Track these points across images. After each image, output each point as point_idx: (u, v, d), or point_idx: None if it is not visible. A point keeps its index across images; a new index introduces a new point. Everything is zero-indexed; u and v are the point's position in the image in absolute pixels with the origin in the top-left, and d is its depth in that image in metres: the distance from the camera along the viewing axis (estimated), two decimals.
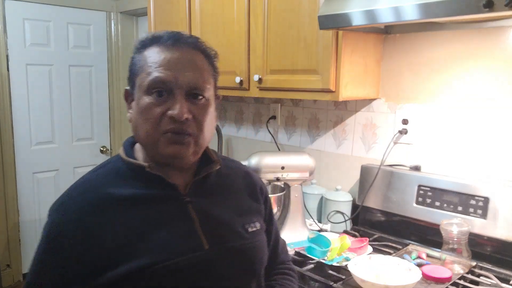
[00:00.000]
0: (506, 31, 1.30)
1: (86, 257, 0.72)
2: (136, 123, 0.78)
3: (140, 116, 0.77)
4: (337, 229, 1.62)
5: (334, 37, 1.39)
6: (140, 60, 0.79)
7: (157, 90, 0.75)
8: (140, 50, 0.80)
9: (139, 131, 0.78)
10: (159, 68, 0.75)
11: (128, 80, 0.82)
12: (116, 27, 3.21)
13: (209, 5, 1.85)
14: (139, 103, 0.77)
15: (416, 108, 1.53)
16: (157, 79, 0.75)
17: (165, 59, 0.76)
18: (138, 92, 0.77)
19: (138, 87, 0.77)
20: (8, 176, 2.84)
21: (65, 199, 0.78)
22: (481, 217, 1.30)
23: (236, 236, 0.83)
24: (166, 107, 0.75)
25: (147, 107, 0.75)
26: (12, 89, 2.80)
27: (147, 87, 0.75)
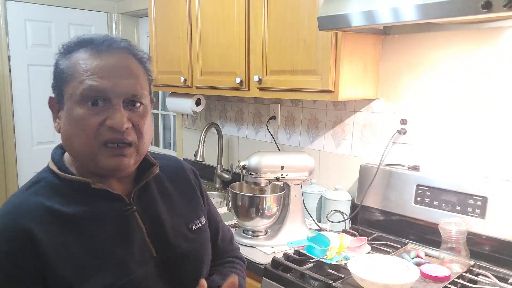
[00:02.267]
0: (505, 31, 1.31)
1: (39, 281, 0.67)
2: (68, 134, 0.72)
3: (73, 128, 0.71)
4: (336, 228, 1.63)
5: (334, 38, 1.40)
6: (67, 66, 0.72)
7: (92, 100, 0.70)
8: (65, 55, 0.73)
9: (72, 143, 0.72)
10: (93, 76, 0.69)
11: (53, 88, 0.75)
12: (117, 28, 3.22)
13: (209, 6, 1.86)
14: (71, 113, 0.71)
15: (414, 108, 1.54)
16: (93, 88, 0.69)
17: (99, 65, 0.70)
18: (69, 102, 0.71)
19: (68, 96, 0.71)
20: (10, 176, 2.85)
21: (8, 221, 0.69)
22: (480, 217, 1.31)
23: (181, 239, 0.82)
24: (103, 117, 0.70)
25: (81, 118, 0.70)
26: (13, 90, 2.82)
27: (80, 97, 0.70)
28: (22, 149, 2.90)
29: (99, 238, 0.72)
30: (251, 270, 1.39)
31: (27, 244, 0.67)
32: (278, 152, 1.89)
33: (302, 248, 1.39)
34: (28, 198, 0.72)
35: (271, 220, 1.55)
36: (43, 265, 0.67)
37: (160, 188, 0.85)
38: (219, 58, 1.84)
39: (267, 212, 1.52)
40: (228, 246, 1.02)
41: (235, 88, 1.78)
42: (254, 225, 1.53)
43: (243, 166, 1.50)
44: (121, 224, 0.75)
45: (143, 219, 0.78)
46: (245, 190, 1.63)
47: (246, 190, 1.63)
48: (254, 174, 1.49)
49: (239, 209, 1.54)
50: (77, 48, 0.73)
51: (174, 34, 2.08)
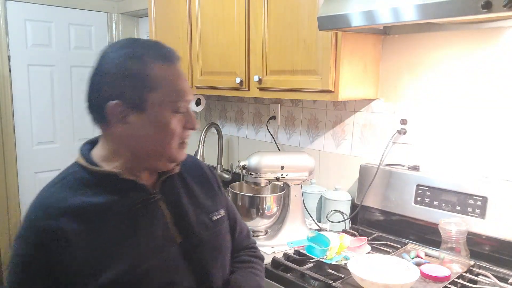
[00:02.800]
0: (504, 31, 1.31)
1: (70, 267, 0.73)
2: (146, 136, 0.78)
3: (160, 129, 0.78)
4: (336, 228, 1.63)
5: (334, 38, 1.40)
6: (160, 77, 0.77)
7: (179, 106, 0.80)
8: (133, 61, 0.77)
9: (147, 144, 0.79)
10: (178, 85, 0.79)
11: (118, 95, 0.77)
12: (117, 28, 3.22)
13: (209, 6, 1.86)
14: (159, 117, 0.78)
15: (414, 108, 1.54)
16: (182, 97, 0.80)
17: (176, 75, 0.80)
18: (154, 107, 0.77)
19: (155, 103, 0.77)
20: (10, 176, 2.86)
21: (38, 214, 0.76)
22: (480, 217, 1.31)
23: (203, 228, 0.88)
24: (184, 121, 0.82)
25: (170, 123, 0.79)
26: (14, 90, 2.82)
27: (172, 104, 0.78)
28: (22, 149, 2.90)
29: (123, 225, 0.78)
30: None
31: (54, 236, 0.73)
32: (278, 152, 1.89)
33: (302, 248, 1.39)
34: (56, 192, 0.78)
35: (271, 220, 1.55)
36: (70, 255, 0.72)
37: (182, 181, 0.91)
38: (219, 58, 1.84)
39: (267, 212, 1.52)
40: (245, 239, 1.07)
41: (235, 88, 1.78)
42: (254, 225, 1.53)
43: (243, 166, 1.51)
44: (145, 212, 0.81)
45: (168, 207, 0.84)
46: (245, 190, 1.63)
47: (246, 190, 1.63)
48: (254, 174, 1.49)
49: (239, 209, 1.54)
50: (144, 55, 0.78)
51: (174, 34, 2.08)
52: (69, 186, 0.79)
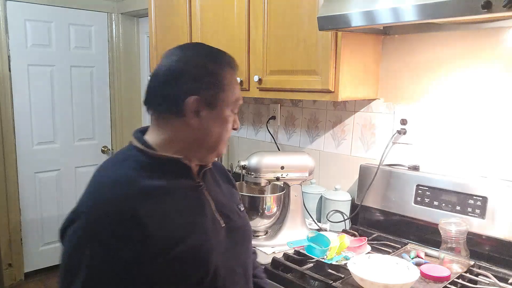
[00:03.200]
0: (504, 31, 1.31)
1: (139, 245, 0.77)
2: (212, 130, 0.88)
3: (221, 126, 0.89)
4: (336, 228, 1.63)
5: (333, 38, 1.40)
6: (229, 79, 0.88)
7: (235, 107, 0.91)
8: (227, 69, 0.89)
9: (211, 137, 0.88)
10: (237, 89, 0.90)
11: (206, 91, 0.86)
12: (117, 28, 3.22)
13: (210, 6, 1.86)
14: (222, 115, 0.88)
15: (414, 108, 1.54)
16: (239, 99, 0.91)
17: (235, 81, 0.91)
18: (221, 105, 0.87)
19: (222, 100, 0.87)
20: (10, 176, 2.86)
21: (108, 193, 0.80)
22: (479, 217, 1.31)
23: (236, 214, 0.97)
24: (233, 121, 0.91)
25: (229, 120, 0.89)
26: (14, 90, 2.82)
27: (234, 105, 0.89)
28: (22, 149, 2.90)
29: (184, 207, 0.85)
30: None
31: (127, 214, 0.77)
32: (278, 152, 1.89)
33: (302, 248, 1.39)
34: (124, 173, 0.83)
35: (271, 220, 1.55)
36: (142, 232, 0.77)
37: (212, 173, 0.99)
38: None
39: (267, 212, 1.52)
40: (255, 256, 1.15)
41: None
42: (254, 225, 1.53)
43: (243, 166, 1.51)
44: (196, 197, 0.89)
45: (209, 194, 0.92)
46: (245, 190, 1.63)
47: (246, 190, 1.63)
48: (254, 174, 1.49)
49: None
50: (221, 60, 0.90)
51: (174, 34, 2.08)
52: (132, 167, 0.84)
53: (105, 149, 3.28)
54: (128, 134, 3.48)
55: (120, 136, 3.34)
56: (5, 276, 2.92)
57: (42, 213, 3.03)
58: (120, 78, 3.27)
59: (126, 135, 3.37)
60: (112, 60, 3.23)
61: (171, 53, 0.89)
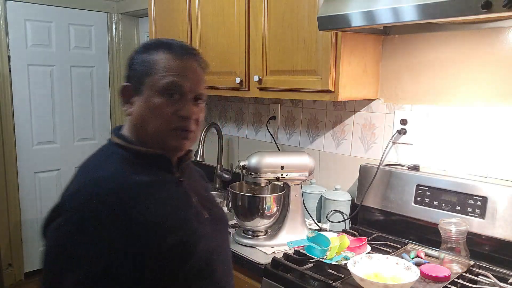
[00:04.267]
0: (504, 31, 1.31)
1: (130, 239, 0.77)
2: (143, 118, 0.86)
3: (150, 113, 0.85)
4: (336, 228, 1.63)
5: (333, 38, 1.40)
6: (150, 61, 0.86)
7: (171, 92, 0.85)
8: (147, 51, 0.88)
9: (146, 126, 0.86)
10: (174, 74, 0.85)
11: (130, 78, 0.89)
12: (117, 28, 3.22)
13: (210, 6, 1.86)
14: (151, 101, 0.85)
15: (414, 108, 1.54)
16: (174, 83, 0.85)
17: (178, 66, 0.86)
18: (149, 91, 0.85)
19: (149, 86, 0.85)
20: (10, 176, 2.86)
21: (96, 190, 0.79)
22: (479, 217, 1.31)
23: (215, 207, 0.99)
24: (177, 107, 0.86)
25: (160, 106, 0.85)
26: (13, 90, 2.82)
27: (162, 89, 0.85)
28: (22, 149, 2.90)
29: (169, 201, 0.86)
30: (251, 270, 1.39)
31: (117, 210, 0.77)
32: (278, 152, 1.89)
33: (302, 248, 1.39)
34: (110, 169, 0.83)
35: (271, 220, 1.55)
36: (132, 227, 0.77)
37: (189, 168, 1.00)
38: (219, 58, 1.84)
39: (267, 212, 1.52)
40: None
41: (235, 88, 1.78)
42: (254, 225, 1.53)
43: (243, 166, 1.51)
44: (179, 191, 0.90)
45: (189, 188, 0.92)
46: (245, 190, 1.63)
47: (246, 190, 1.63)
48: (254, 174, 1.49)
49: (239, 209, 1.54)
50: (157, 48, 0.87)
51: (174, 34, 2.08)
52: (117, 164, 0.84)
53: None
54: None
55: None
56: (5, 276, 2.92)
57: (42, 213, 3.03)
58: (120, 78, 3.27)
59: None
60: (112, 60, 3.23)
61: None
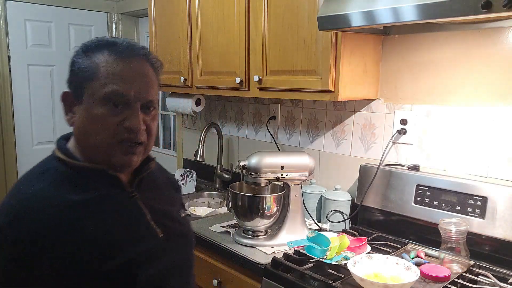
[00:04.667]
0: (504, 31, 1.31)
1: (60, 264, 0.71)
2: (85, 129, 0.78)
3: (92, 124, 0.77)
4: (336, 228, 1.63)
5: (334, 38, 1.40)
6: (90, 65, 0.77)
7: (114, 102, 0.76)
8: (87, 54, 0.78)
9: (88, 138, 0.78)
10: (116, 80, 0.75)
11: (69, 83, 0.80)
12: (117, 28, 3.22)
13: (209, 6, 1.86)
14: (91, 111, 0.76)
15: (414, 109, 1.54)
16: (116, 92, 0.75)
17: (122, 71, 0.76)
18: (90, 99, 0.76)
19: (90, 94, 0.76)
20: (10, 176, 2.86)
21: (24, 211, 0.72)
22: (479, 217, 1.31)
23: (176, 222, 0.91)
24: (122, 118, 0.77)
25: (102, 116, 0.76)
26: (13, 90, 2.82)
27: (103, 98, 0.75)
28: (22, 149, 2.90)
29: (110, 221, 0.77)
30: (251, 270, 1.39)
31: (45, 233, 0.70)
32: (278, 152, 1.89)
33: (302, 248, 1.39)
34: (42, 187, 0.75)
35: (271, 220, 1.55)
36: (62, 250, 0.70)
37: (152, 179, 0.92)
38: (219, 58, 1.84)
39: (267, 212, 1.52)
40: None
41: (235, 88, 1.78)
42: (254, 225, 1.53)
43: (243, 166, 1.50)
44: (127, 208, 0.82)
45: (144, 204, 0.85)
46: (245, 190, 1.63)
47: (246, 190, 1.63)
48: (254, 174, 1.49)
49: (239, 209, 1.54)
50: (99, 49, 0.78)
51: (174, 34, 2.08)
52: (51, 181, 0.76)
53: None
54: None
55: None
56: None
57: None
58: None
59: None
60: None
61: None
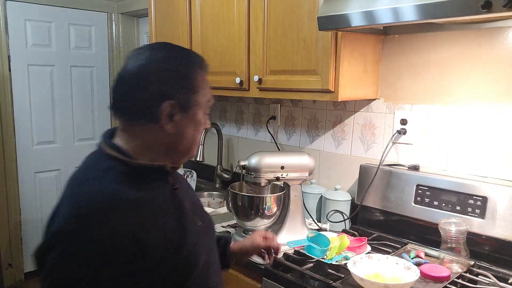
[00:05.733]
0: (504, 31, 1.31)
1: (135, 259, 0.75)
2: (187, 133, 0.87)
3: (195, 128, 0.88)
4: (336, 228, 1.63)
5: (334, 38, 1.40)
6: (201, 80, 0.87)
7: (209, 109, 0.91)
8: (198, 70, 0.87)
9: (186, 139, 0.87)
10: (211, 94, 0.90)
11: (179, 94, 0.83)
12: (117, 28, 3.22)
13: (209, 6, 1.86)
14: (195, 117, 0.87)
15: (414, 108, 1.54)
16: (212, 100, 0.91)
17: (209, 85, 0.90)
18: (194, 108, 0.86)
19: (195, 103, 0.86)
20: (10, 176, 2.86)
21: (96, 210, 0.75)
22: (479, 217, 1.31)
23: (205, 214, 1.01)
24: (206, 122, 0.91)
25: (202, 121, 0.89)
26: (14, 90, 2.82)
27: (206, 106, 0.89)
28: (22, 149, 2.90)
29: (169, 214, 0.85)
30: (251, 270, 1.39)
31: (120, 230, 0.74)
32: (278, 152, 1.89)
33: (302, 248, 1.39)
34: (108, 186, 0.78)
35: (271, 220, 1.55)
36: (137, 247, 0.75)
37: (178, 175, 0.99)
38: (219, 58, 1.84)
39: (267, 212, 1.52)
40: None
41: (235, 88, 1.78)
42: (254, 225, 1.53)
43: (243, 166, 1.50)
44: (175, 201, 0.88)
45: (182, 196, 0.91)
46: (245, 190, 1.63)
47: (246, 190, 1.63)
48: (254, 174, 1.49)
49: (239, 209, 1.54)
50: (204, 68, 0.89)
51: (174, 34, 2.08)
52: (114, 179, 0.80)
53: None
54: None
55: None
56: (5, 276, 2.92)
57: (42, 213, 3.03)
58: None
59: None
60: (112, 60, 3.23)
61: (137, 54, 0.84)
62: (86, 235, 0.72)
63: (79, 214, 0.74)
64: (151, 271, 0.77)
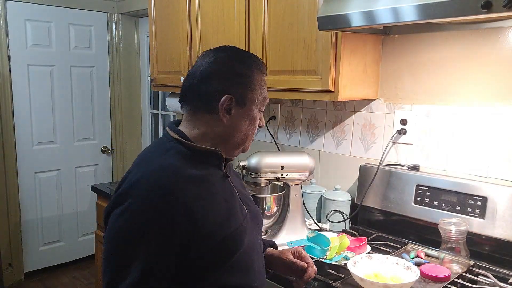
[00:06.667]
0: (504, 31, 1.31)
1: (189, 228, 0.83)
2: (241, 127, 0.96)
3: (249, 123, 0.97)
4: (336, 228, 1.63)
5: (333, 38, 1.40)
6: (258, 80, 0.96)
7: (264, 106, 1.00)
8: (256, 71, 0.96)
9: (240, 133, 0.96)
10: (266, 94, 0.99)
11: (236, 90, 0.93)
12: (117, 28, 3.22)
13: (209, 6, 1.86)
14: (250, 113, 0.96)
15: (414, 109, 1.54)
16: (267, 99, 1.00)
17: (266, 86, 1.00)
18: (250, 104, 0.95)
19: (252, 100, 0.95)
20: (10, 176, 2.86)
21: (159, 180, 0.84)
22: (479, 217, 1.31)
23: (252, 204, 1.08)
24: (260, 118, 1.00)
25: (256, 118, 0.98)
26: (14, 90, 2.82)
27: (261, 104, 0.98)
28: (22, 149, 2.90)
29: (221, 194, 0.94)
30: None
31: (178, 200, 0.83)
32: (278, 152, 1.89)
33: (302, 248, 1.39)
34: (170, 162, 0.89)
35: (271, 220, 1.55)
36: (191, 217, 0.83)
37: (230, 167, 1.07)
38: None
39: (267, 212, 1.52)
40: None
41: None
42: None
43: (243, 166, 1.50)
44: (227, 186, 0.98)
45: (233, 184, 1.00)
46: None
47: None
48: (254, 174, 1.49)
49: None
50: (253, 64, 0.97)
51: (174, 34, 2.08)
52: (176, 157, 0.90)
53: (105, 149, 3.28)
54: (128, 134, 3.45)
55: (120, 136, 3.34)
56: (5, 276, 2.92)
57: (42, 213, 3.03)
58: (120, 78, 3.27)
59: (126, 135, 3.37)
60: (112, 60, 3.23)
61: (206, 55, 0.96)
62: (146, 199, 0.82)
63: (142, 179, 0.85)
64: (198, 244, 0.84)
